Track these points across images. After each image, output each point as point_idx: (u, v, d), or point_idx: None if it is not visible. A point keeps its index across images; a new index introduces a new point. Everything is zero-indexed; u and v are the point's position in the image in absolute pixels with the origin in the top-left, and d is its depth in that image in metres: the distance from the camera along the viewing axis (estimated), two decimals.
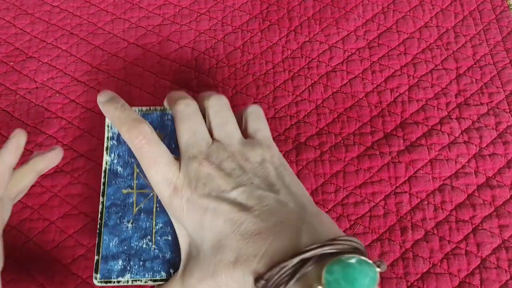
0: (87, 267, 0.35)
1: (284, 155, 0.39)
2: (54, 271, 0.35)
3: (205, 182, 0.27)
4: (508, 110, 0.40)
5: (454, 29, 0.44)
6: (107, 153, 0.31)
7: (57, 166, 0.38)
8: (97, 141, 0.40)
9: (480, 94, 0.41)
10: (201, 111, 0.31)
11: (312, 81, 0.42)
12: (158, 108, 0.33)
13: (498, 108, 0.40)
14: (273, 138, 0.39)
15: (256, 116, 0.32)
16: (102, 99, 0.31)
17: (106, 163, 0.31)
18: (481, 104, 0.40)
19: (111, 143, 0.32)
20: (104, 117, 0.32)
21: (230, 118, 0.31)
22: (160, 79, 0.43)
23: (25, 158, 0.40)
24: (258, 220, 0.25)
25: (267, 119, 0.41)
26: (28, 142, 0.41)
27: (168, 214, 0.29)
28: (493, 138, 0.38)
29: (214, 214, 0.26)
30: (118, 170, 0.31)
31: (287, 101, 0.42)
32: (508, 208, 0.36)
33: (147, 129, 0.28)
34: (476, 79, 0.41)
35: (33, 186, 0.38)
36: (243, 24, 0.46)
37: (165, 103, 0.34)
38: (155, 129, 0.30)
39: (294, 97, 0.42)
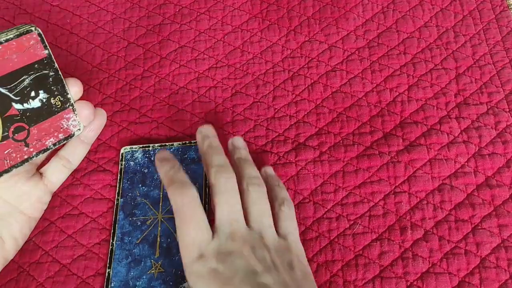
0: (87, 267, 0.35)
1: (283, 156, 0.39)
2: (54, 271, 0.35)
3: (235, 259, 0.27)
4: (507, 110, 0.40)
5: (454, 28, 0.44)
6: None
7: None
8: (97, 141, 0.40)
9: (480, 94, 0.41)
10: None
11: (312, 81, 0.42)
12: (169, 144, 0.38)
13: (498, 108, 0.40)
14: (273, 139, 0.40)
15: (289, 216, 0.33)
16: (159, 156, 0.32)
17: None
18: (481, 103, 0.40)
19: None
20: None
21: (267, 211, 0.31)
22: (160, 79, 0.43)
23: None
24: None
25: (267, 119, 0.41)
26: None
27: (186, 278, 0.29)
28: (492, 137, 0.38)
29: None
30: None
31: (287, 100, 0.42)
32: (507, 207, 0.36)
33: (194, 192, 0.29)
34: (475, 79, 0.41)
35: None
36: (243, 24, 0.46)
37: (198, 136, 0.34)
38: None
39: (294, 96, 0.42)
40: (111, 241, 0.35)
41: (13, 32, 0.26)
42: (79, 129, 0.31)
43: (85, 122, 0.31)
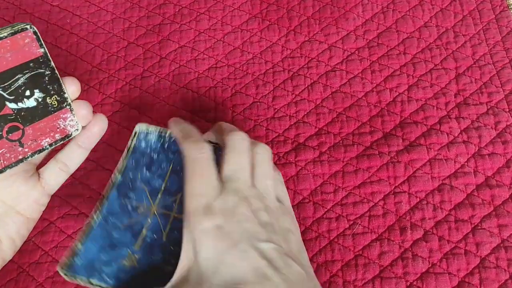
0: None
1: (283, 156, 0.39)
2: (54, 271, 0.35)
3: (240, 219, 0.27)
4: (507, 110, 0.40)
5: (454, 28, 0.44)
6: None
7: None
8: None
9: (480, 94, 0.41)
10: None
11: (312, 81, 0.42)
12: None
13: (498, 108, 0.40)
14: (273, 139, 0.40)
15: (281, 183, 0.33)
16: (174, 119, 0.33)
17: None
18: (481, 103, 0.40)
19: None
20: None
21: (271, 173, 0.31)
22: (160, 79, 0.43)
23: None
24: (284, 284, 0.26)
25: (267, 119, 0.41)
26: None
27: (184, 229, 0.28)
28: (492, 137, 0.38)
29: (242, 256, 0.26)
30: None
31: (287, 100, 0.42)
32: (507, 207, 0.36)
33: (208, 148, 0.30)
34: (475, 79, 0.41)
35: None
36: (243, 24, 0.46)
37: (209, 133, 0.35)
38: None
39: (294, 96, 0.42)
40: (93, 215, 0.32)
41: (7, 30, 0.25)
42: (77, 129, 0.30)
43: (83, 122, 0.31)
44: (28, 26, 0.26)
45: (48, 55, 0.27)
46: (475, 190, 0.36)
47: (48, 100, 0.28)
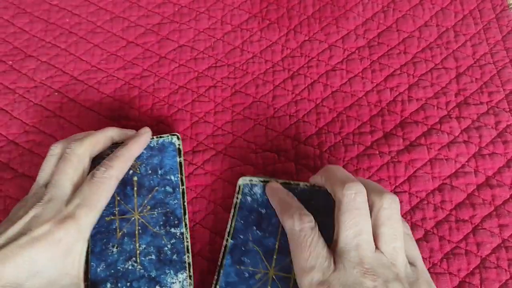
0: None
1: (282, 155, 0.39)
2: None
3: None
4: (508, 109, 0.40)
5: (454, 28, 0.44)
6: None
7: None
8: None
9: (480, 93, 0.41)
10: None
11: (312, 80, 0.42)
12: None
13: (498, 107, 0.40)
14: (272, 138, 0.39)
15: (410, 239, 0.29)
16: (272, 185, 0.32)
17: None
18: (481, 103, 0.40)
19: None
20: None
21: (400, 232, 0.27)
22: (159, 78, 0.43)
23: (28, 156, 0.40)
24: None
25: (267, 118, 0.40)
26: (27, 141, 0.40)
27: None
28: (492, 137, 0.38)
29: None
30: None
31: (287, 100, 0.41)
32: (508, 207, 0.36)
33: (312, 219, 0.27)
34: (476, 78, 0.41)
35: None
36: (243, 23, 0.46)
37: (316, 177, 0.32)
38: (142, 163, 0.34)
39: (294, 96, 0.42)
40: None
41: None
42: None
43: None
44: None
45: None
46: (476, 190, 0.36)
47: None
